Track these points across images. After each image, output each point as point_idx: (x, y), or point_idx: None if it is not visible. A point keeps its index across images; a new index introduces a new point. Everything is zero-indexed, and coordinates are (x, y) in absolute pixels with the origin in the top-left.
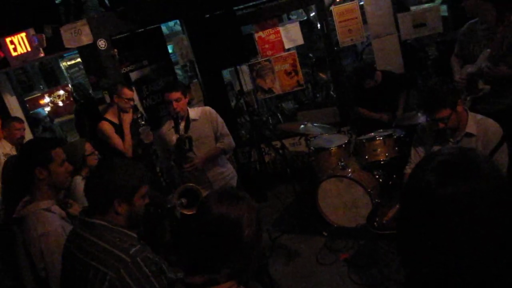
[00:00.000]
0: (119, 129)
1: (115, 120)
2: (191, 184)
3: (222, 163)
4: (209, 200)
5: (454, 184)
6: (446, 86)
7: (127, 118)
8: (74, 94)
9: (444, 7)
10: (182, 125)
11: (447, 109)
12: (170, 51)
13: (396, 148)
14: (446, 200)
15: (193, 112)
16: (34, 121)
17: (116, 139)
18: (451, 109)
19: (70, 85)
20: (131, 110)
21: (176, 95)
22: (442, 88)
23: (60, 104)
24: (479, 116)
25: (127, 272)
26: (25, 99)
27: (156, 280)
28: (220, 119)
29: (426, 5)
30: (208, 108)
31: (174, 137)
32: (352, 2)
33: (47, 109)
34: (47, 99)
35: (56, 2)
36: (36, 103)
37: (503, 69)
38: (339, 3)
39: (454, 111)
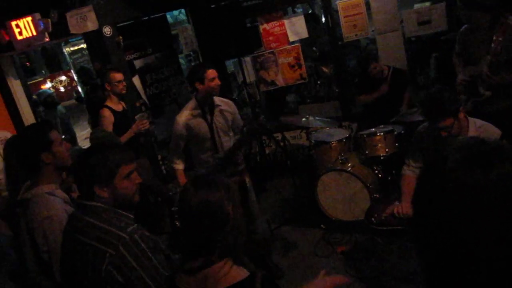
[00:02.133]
0: (119, 116)
1: (116, 108)
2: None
3: (240, 154)
4: (189, 188)
5: (478, 171)
6: (447, 94)
7: (135, 127)
8: (79, 79)
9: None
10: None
11: (450, 118)
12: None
13: (397, 144)
14: (471, 187)
15: (218, 100)
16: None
17: (110, 130)
18: (454, 118)
19: (72, 71)
20: (147, 121)
21: (215, 72)
22: (444, 97)
23: (62, 89)
24: (479, 123)
25: (126, 249)
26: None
27: (154, 255)
28: (239, 116)
29: (429, 3)
30: (228, 100)
31: (203, 124)
32: None
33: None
34: (48, 84)
35: None
36: (38, 88)
37: (503, 78)
38: None
39: (456, 119)
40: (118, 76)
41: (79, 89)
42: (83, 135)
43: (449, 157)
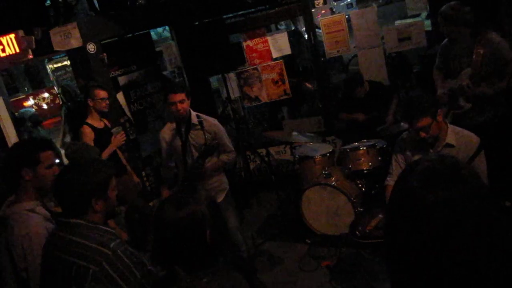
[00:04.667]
0: (100, 133)
1: (97, 125)
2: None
3: (221, 173)
4: (162, 207)
5: (436, 191)
6: (426, 96)
7: (116, 141)
8: (61, 96)
9: (428, 22)
10: (182, 128)
11: (428, 118)
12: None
13: (379, 158)
14: (430, 206)
15: (196, 119)
16: (21, 121)
17: None
18: (432, 118)
19: (55, 88)
20: (123, 132)
21: (181, 96)
22: (423, 98)
23: (45, 106)
24: (458, 129)
25: (109, 265)
26: (10, 100)
27: (137, 270)
28: (225, 136)
29: (410, 20)
30: (215, 122)
31: (176, 140)
32: (339, 14)
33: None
34: (31, 101)
35: (46, 4)
36: (20, 105)
37: (484, 89)
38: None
39: (434, 120)
40: (103, 93)
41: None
42: None
43: (412, 175)
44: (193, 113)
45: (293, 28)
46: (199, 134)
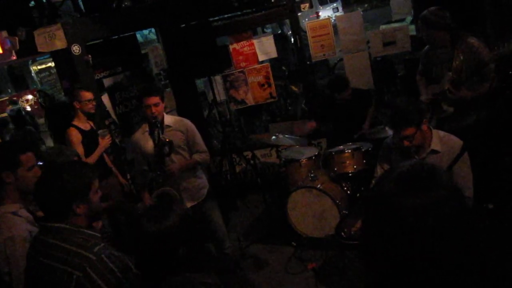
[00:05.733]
0: (87, 135)
1: (83, 127)
2: (168, 188)
3: (197, 173)
4: (143, 219)
5: (412, 195)
6: (412, 105)
7: (104, 143)
8: (40, 100)
9: (413, 27)
10: (156, 130)
11: (412, 128)
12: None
13: (364, 161)
14: (405, 210)
15: (168, 119)
16: (3, 122)
17: (80, 149)
18: (416, 128)
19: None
20: (109, 135)
21: (155, 99)
22: (409, 107)
23: (28, 108)
24: (442, 133)
25: (93, 270)
26: None
27: (122, 275)
28: (197, 135)
29: (395, 25)
30: (186, 121)
31: (149, 142)
32: (325, 18)
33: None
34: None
35: (30, 5)
36: (3, 107)
37: (464, 92)
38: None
39: (419, 130)
40: (88, 95)
41: None
42: None
43: (389, 181)
44: (166, 116)
45: (279, 32)
46: (173, 134)
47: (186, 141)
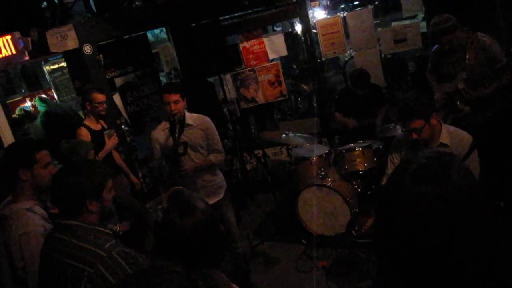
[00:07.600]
0: (97, 135)
1: (94, 126)
2: (181, 188)
3: (214, 171)
4: (171, 215)
5: (425, 186)
6: (421, 98)
7: (110, 143)
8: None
9: (424, 24)
10: (175, 129)
11: (421, 120)
12: None
13: (375, 159)
14: (417, 200)
15: (190, 117)
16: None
17: None
18: (425, 121)
19: (52, 89)
20: (115, 135)
21: (175, 97)
22: (417, 100)
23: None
24: (451, 128)
25: (104, 266)
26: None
27: (133, 271)
28: (216, 135)
29: (406, 22)
30: (207, 119)
31: (169, 139)
32: (335, 16)
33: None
34: (28, 103)
35: (42, 6)
36: (17, 107)
37: (481, 92)
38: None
39: (427, 123)
40: (101, 97)
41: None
42: None
43: (407, 171)
44: (188, 114)
45: (289, 30)
46: (194, 132)
47: (206, 139)
